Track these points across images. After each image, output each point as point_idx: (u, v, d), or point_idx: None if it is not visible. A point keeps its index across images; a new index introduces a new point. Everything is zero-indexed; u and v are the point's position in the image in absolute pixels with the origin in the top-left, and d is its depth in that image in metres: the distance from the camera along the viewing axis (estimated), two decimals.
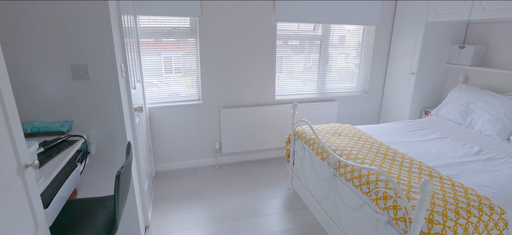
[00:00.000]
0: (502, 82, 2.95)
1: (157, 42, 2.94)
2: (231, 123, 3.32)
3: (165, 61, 3.03)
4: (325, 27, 3.44)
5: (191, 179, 3.13)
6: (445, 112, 3.05)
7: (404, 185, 1.60)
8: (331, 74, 3.67)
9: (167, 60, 3.04)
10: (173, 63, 3.07)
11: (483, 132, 2.63)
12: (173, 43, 2.99)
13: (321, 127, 2.70)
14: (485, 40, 3.15)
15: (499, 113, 2.59)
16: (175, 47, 3.01)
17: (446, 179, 1.71)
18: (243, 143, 3.45)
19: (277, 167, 3.45)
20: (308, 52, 3.50)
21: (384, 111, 3.94)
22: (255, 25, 3.13)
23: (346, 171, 1.90)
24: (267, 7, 3.11)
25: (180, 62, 3.08)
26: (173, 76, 3.10)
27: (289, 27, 3.30)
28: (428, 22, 3.16)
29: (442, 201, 1.46)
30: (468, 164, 2.01)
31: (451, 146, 2.34)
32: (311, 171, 2.46)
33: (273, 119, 3.46)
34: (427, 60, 3.33)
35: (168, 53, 3.02)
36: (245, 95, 3.36)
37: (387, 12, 3.57)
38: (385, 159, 1.99)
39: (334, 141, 2.32)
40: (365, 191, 1.70)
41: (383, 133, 2.64)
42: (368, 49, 3.71)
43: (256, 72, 3.31)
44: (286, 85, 3.54)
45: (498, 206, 1.49)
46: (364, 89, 3.91)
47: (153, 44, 2.93)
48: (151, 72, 3.01)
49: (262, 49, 3.25)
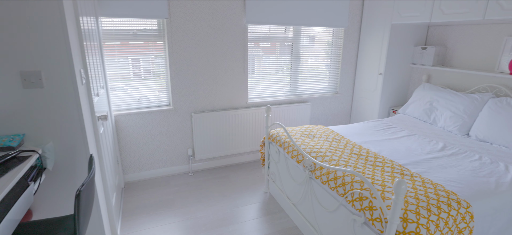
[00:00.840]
0: (461, 81, 3.15)
1: (124, 45, 2.77)
2: (204, 127, 3.22)
3: (133, 65, 2.87)
4: (296, 29, 3.46)
5: (164, 188, 2.99)
6: (411, 111, 3.19)
7: (379, 185, 1.62)
8: (303, 75, 3.70)
9: (135, 63, 2.88)
10: (142, 67, 2.91)
11: (446, 128, 2.78)
12: (142, 46, 2.84)
13: (295, 129, 2.69)
14: (444, 42, 3.34)
15: (459, 110, 2.75)
16: (143, 50, 2.86)
17: (417, 176, 1.76)
18: (217, 148, 3.37)
19: (252, 170, 3.40)
20: (279, 53, 3.50)
21: (355, 111, 4.05)
22: (225, 27, 3.07)
23: (321, 173, 1.89)
24: (237, 9, 3.06)
25: (149, 65, 2.94)
26: (142, 80, 2.95)
27: (260, 29, 3.28)
28: (393, 24, 3.29)
29: (415, 199, 1.49)
30: (435, 160, 2.10)
31: (418, 143, 2.43)
32: (286, 174, 2.44)
33: (247, 122, 3.41)
34: (393, 61, 3.47)
35: (136, 56, 2.86)
36: (217, 99, 3.28)
37: (354, 14, 3.67)
38: (359, 159, 2.01)
39: (308, 143, 2.32)
40: (341, 193, 1.70)
41: (355, 133, 2.69)
42: (338, 51, 3.80)
43: (228, 75, 3.25)
44: (258, 88, 3.51)
45: (464, 200, 1.56)
46: (335, 90, 3.99)
47: (120, 47, 2.76)
48: (118, 77, 2.83)
49: (234, 52, 3.19)
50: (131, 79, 2.91)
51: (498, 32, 2.81)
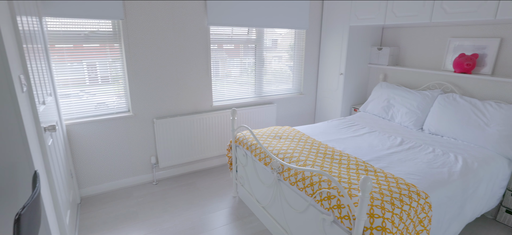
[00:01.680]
0: (413, 79, 3.37)
1: (77, 48, 2.55)
2: (167, 133, 3.07)
3: (89, 70, 2.65)
4: (259, 31, 3.46)
5: (126, 200, 2.79)
6: (371, 108, 3.35)
7: (345, 182, 1.65)
8: (268, 77, 3.71)
9: (91, 68, 2.66)
10: (99, 71, 2.70)
11: (403, 124, 2.95)
12: (98, 49, 2.63)
13: (261, 131, 2.67)
14: (397, 43, 3.56)
15: (413, 106, 2.94)
16: (100, 53, 2.65)
17: (380, 172, 1.83)
18: (182, 154, 3.24)
19: (220, 175, 3.32)
20: (243, 55, 3.47)
21: (319, 111, 4.16)
22: (187, 28, 2.97)
23: (289, 175, 1.89)
24: (198, 10, 2.97)
25: (107, 70, 2.73)
26: (100, 86, 2.73)
27: (223, 30, 3.22)
28: (351, 26, 3.43)
29: (379, 194, 1.54)
30: (395, 155, 2.21)
31: (379, 139, 2.55)
32: (255, 177, 2.41)
33: (212, 126, 3.33)
34: (353, 61, 3.62)
35: (92, 60, 2.64)
36: (180, 104, 3.15)
37: (315, 16, 3.77)
38: (325, 158, 2.05)
39: (275, 145, 2.32)
40: (310, 193, 1.71)
41: (320, 132, 2.74)
42: (300, 52, 3.87)
43: (191, 79, 3.14)
44: (223, 91, 3.44)
45: (423, 191, 1.64)
46: (299, 91, 4.06)
47: (73, 50, 2.53)
48: (71, 83, 2.59)
49: (196, 54, 3.10)
50: (87, 85, 2.68)
51: (443, 33, 3.06)
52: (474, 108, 2.53)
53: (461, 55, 2.78)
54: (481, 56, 2.74)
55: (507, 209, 2.39)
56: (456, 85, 2.97)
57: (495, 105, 2.46)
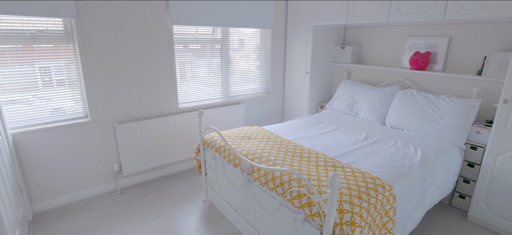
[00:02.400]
0: (374, 76, 3.53)
1: (27, 49, 2.30)
2: (131, 139, 2.91)
3: (42, 72, 2.41)
4: (224, 30, 3.40)
5: (86, 213, 2.59)
6: (337, 105, 3.45)
7: (314, 180, 1.67)
8: (235, 77, 3.67)
9: (45, 71, 2.42)
10: (54, 75, 2.47)
11: (366, 119, 3.08)
12: (51, 50, 2.41)
13: (230, 132, 2.63)
14: (359, 42, 3.70)
15: (376, 102, 3.07)
16: (53, 54, 2.43)
17: (347, 167, 1.88)
18: (148, 160, 3.08)
19: (189, 179, 3.22)
20: (210, 56, 3.39)
21: (287, 109, 4.20)
22: (148, 28, 2.83)
23: (259, 175, 1.87)
24: (160, 9, 2.85)
25: (63, 72, 2.51)
26: (55, 90, 2.51)
27: (187, 30, 3.12)
28: (315, 25, 3.50)
29: (348, 189, 1.57)
30: (360, 150, 2.29)
31: (345, 135, 2.62)
32: (225, 180, 2.36)
33: (179, 128, 3.22)
34: (318, 60, 3.70)
35: (45, 63, 2.41)
36: (144, 107, 3.00)
37: (280, 16, 3.80)
38: (294, 157, 2.06)
39: (244, 146, 2.29)
40: (280, 193, 1.70)
41: (289, 131, 2.76)
42: (267, 52, 3.88)
43: (155, 80, 3.00)
44: (189, 92, 3.34)
45: (388, 184, 1.71)
46: (267, 90, 4.07)
47: (21, 51, 2.28)
48: (18, 87, 2.34)
49: (160, 55, 2.97)
50: (40, 89, 2.44)
51: (400, 33, 3.24)
52: (429, 102, 2.71)
53: (416, 53, 2.96)
54: (434, 54, 2.94)
55: (460, 194, 2.59)
56: (412, 81, 3.16)
57: (447, 99, 2.65)
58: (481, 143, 2.43)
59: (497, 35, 2.54)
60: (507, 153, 2.20)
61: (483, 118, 2.68)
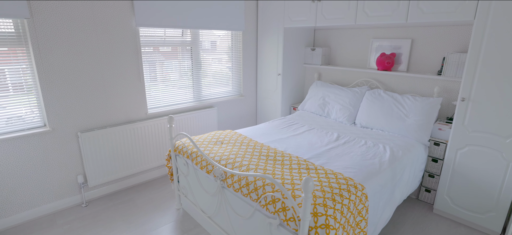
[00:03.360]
0: (344, 77, 3.63)
1: None
2: (96, 148, 2.74)
3: None
4: (194, 32, 3.32)
5: (48, 230, 2.39)
6: (309, 107, 3.49)
7: (288, 184, 1.66)
8: (207, 80, 3.60)
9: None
10: (10, 79, 2.26)
11: (338, 119, 3.15)
12: (5, 53, 2.19)
13: (202, 137, 2.56)
14: (328, 43, 3.79)
15: (346, 102, 3.15)
16: (7, 59, 2.22)
17: (320, 169, 1.89)
18: (116, 169, 2.92)
19: (161, 187, 3.09)
20: (181, 58, 3.29)
21: (260, 112, 4.19)
22: (112, 30, 2.68)
23: (233, 181, 1.83)
24: (124, 10, 2.71)
25: (21, 77, 2.30)
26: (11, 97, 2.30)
27: (154, 32, 3.00)
28: (285, 27, 3.53)
29: (321, 191, 1.58)
30: (333, 150, 2.32)
31: (318, 136, 2.66)
32: (198, 187, 2.29)
33: (149, 135, 3.08)
34: (289, 61, 3.73)
35: None
36: (110, 113, 2.84)
37: (250, 18, 3.78)
38: (268, 160, 2.04)
39: (217, 151, 2.23)
40: (255, 198, 1.67)
41: (262, 134, 2.75)
42: (238, 54, 3.84)
43: (121, 85, 2.85)
44: (159, 96, 3.21)
45: (360, 184, 1.75)
46: (240, 93, 4.03)
47: None
48: None
49: (126, 58, 2.82)
50: None
51: (367, 35, 3.35)
52: (395, 102, 2.82)
53: (382, 54, 3.07)
54: (398, 55, 3.07)
55: (426, 188, 2.72)
56: (379, 82, 3.28)
57: (411, 98, 2.77)
58: (443, 139, 2.57)
59: (454, 38, 2.70)
60: (466, 147, 2.34)
61: (444, 115, 2.84)
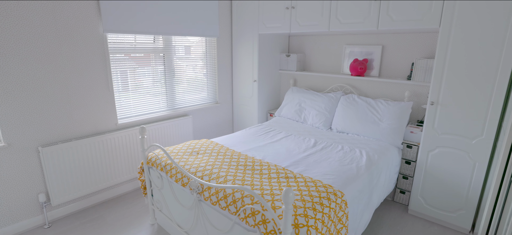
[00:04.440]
0: (319, 83, 3.67)
1: None
2: (60, 163, 2.53)
3: None
4: (166, 38, 3.20)
5: None
6: (285, 113, 3.49)
7: (268, 194, 1.61)
8: (181, 87, 3.48)
9: None
10: None
11: (314, 125, 3.16)
12: None
13: (177, 147, 2.45)
14: (303, 50, 3.82)
15: (322, 108, 3.18)
16: None
17: (299, 177, 1.86)
18: (83, 185, 2.72)
19: (134, 201, 2.92)
20: (154, 65, 3.16)
21: (237, 119, 4.13)
22: (77, 36, 2.51)
23: (210, 194, 1.75)
24: (90, 15, 2.55)
25: None
26: None
27: (124, 39, 2.85)
28: (260, 34, 3.51)
29: (301, 201, 1.54)
30: (311, 157, 2.31)
31: (295, 143, 2.64)
32: (173, 200, 2.18)
33: (120, 146, 2.91)
34: (265, 68, 3.71)
35: None
36: (75, 125, 2.65)
37: (225, 24, 3.73)
38: (246, 170, 1.98)
39: (193, 162, 2.14)
40: (233, 211, 1.61)
41: (239, 142, 2.69)
42: (213, 60, 3.77)
43: (88, 95, 2.67)
44: (130, 105, 3.05)
45: (339, 191, 1.74)
46: (215, 100, 3.95)
47: None
48: None
49: (92, 66, 2.65)
50: None
51: (340, 41, 3.42)
52: (369, 106, 2.88)
53: (355, 60, 3.14)
54: (370, 60, 3.15)
55: (401, 190, 2.79)
56: (353, 87, 3.35)
57: (384, 103, 2.85)
58: (415, 142, 2.66)
59: (421, 44, 2.82)
60: (436, 149, 2.43)
61: (415, 118, 2.94)
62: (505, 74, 2.02)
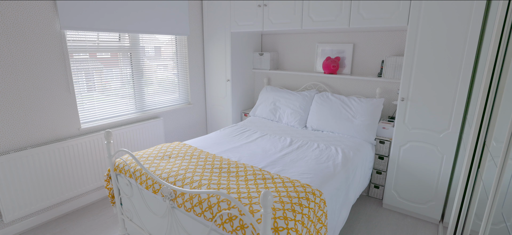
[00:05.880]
0: (293, 81, 3.66)
1: None
2: (14, 174, 2.28)
3: None
4: (133, 37, 3.02)
5: None
6: (260, 112, 3.43)
7: (245, 198, 1.54)
8: (151, 88, 3.30)
9: None
10: None
11: (289, 124, 3.14)
12: None
13: (147, 152, 2.30)
14: (276, 48, 3.80)
15: (296, 106, 3.17)
16: None
17: (277, 178, 1.81)
18: (42, 196, 2.47)
19: (101, 212, 2.71)
20: (122, 65, 2.96)
21: (210, 120, 4.01)
22: (29, 33, 2.27)
23: (184, 200, 1.64)
24: (44, 10, 2.33)
25: None
26: None
27: (85, 36, 2.64)
28: (232, 32, 3.43)
29: (280, 203, 1.49)
30: (287, 156, 2.27)
31: (271, 142, 2.59)
32: (144, 209, 2.03)
33: (83, 153, 2.69)
34: (238, 66, 3.64)
35: None
36: (30, 132, 2.40)
37: (195, 22, 3.61)
38: (221, 173, 1.90)
39: (164, 167, 2.01)
40: (209, 217, 1.52)
41: (214, 143, 2.59)
42: (184, 60, 3.63)
43: (44, 98, 2.44)
44: (95, 108, 2.83)
45: (317, 190, 1.71)
46: (187, 101, 3.81)
47: None
48: None
49: (48, 66, 2.42)
50: None
51: (312, 39, 3.43)
52: (343, 104, 2.91)
53: (328, 58, 3.16)
54: (342, 58, 3.19)
55: (375, 185, 2.85)
56: (326, 85, 3.37)
57: (357, 100, 2.89)
58: (387, 137, 2.72)
59: (391, 42, 2.90)
60: (407, 144, 2.50)
61: (386, 114, 3.02)
62: (468, 69, 2.12)
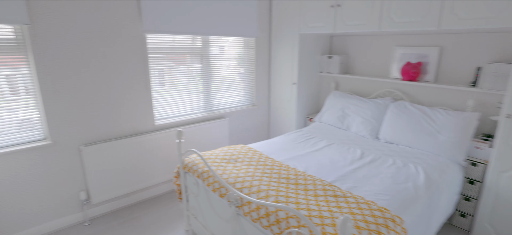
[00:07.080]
0: (364, 87, 3.38)
1: None
2: (100, 162, 2.56)
3: None
4: (205, 39, 3.13)
5: None
6: (326, 118, 3.25)
7: (316, 217, 1.43)
8: (218, 88, 3.40)
9: None
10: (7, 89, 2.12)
11: (359, 133, 2.90)
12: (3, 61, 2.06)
13: (214, 153, 2.35)
14: (346, 51, 3.56)
15: (368, 115, 2.91)
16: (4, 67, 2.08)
17: (349, 196, 1.66)
18: (121, 185, 2.73)
19: (169, 204, 2.89)
20: (191, 65, 3.11)
21: (273, 123, 3.97)
22: (117, 36, 2.51)
23: (250, 209, 1.61)
24: (131, 15, 2.54)
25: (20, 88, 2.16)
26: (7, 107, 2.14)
27: (162, 39, 2.82)
28: (301, 34, 3.31)
29: (356, 228, 1.35)
30: (359, 171, 2.08)
31: (339, 153, 2.42)
32: (209, 209, 2.08)
33: (157, 147, 2.89)
34: (305, 70, 3.51)
35: None
36: (115, 125, 2.66)
37: (264, 24, 3.59)
38: (289, 184, 1.81)
39: (231, 171, 2.02)
40: (277, 232, 1.45)
41: (278, 149, 2.52)
42: (251, 61, 3.65)
43: (127, 95, 2.68)
44: (167, 106, 3.02)
45: (397, 216, 1.51)
46: (252, 102, 3.82)
47: None
48: None
49: (132, 66, 2.65)
50: None
51: (388, 42, 3.11)
52: (424, 115, 2.57)
53: (408, 63, 2.83)
54: (424, 64, 2.82)
55: (461, 213, 2.45)
56: (404, 93, 3.02)
57: (443, 112, 2.52)
58: (481, 159, 2.31)
59: (490, 45, 2.45)
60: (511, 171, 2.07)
61: (480, 131, 2.57)
62: None
